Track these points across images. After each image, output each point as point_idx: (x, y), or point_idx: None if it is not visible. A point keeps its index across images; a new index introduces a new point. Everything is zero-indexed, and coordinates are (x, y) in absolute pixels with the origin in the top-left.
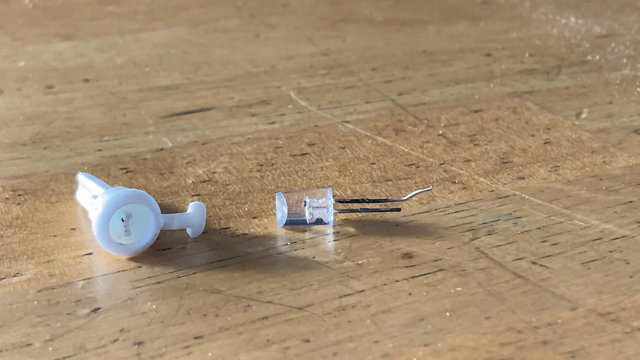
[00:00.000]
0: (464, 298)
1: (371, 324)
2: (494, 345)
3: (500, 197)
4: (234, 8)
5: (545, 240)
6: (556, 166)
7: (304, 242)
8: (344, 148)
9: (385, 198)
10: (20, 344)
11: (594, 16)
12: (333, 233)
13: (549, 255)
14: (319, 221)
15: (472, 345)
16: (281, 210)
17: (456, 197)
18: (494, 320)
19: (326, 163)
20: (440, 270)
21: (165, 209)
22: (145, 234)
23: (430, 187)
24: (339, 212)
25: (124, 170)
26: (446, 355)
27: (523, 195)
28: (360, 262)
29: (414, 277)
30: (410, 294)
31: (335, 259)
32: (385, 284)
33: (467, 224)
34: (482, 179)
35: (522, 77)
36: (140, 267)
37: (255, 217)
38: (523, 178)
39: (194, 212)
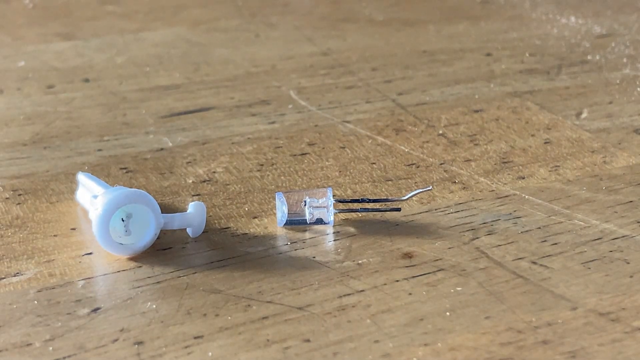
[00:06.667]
0: (464, 298)
1: (371, 324)
2: (494, 345)
3: (500, 197)
4: (234, 8)
5: (545, 240)
6: (556, 166)
7: (304, 242)
8: (344, 148)
9: (385, 198)
10: (20, 343)
11: (594, 16)
12: (333, 233)
13: (549, 255)
14: (319, 221)
15: (472, 345)
16: (281, 210)
17: (456, 197)
18: (494, 320)
19: (326, 163)
20: (440, 270)
21: (165, 209)
22: (145, 234)
23: (430, 187)
24: (339, 212)
25: (124, 170)
26: (446, 355)
27: (523, 195)
28: (360, 262)
29: (414, 277)
30: (410, 294)
31: (335, 259)
32: (385, 284)
33: (467, 223)
34: (482, 179)
35: (522, 77)
36: (140, 267)
37: (255, 217)
38: (523, 178)
39: (194, 212)
